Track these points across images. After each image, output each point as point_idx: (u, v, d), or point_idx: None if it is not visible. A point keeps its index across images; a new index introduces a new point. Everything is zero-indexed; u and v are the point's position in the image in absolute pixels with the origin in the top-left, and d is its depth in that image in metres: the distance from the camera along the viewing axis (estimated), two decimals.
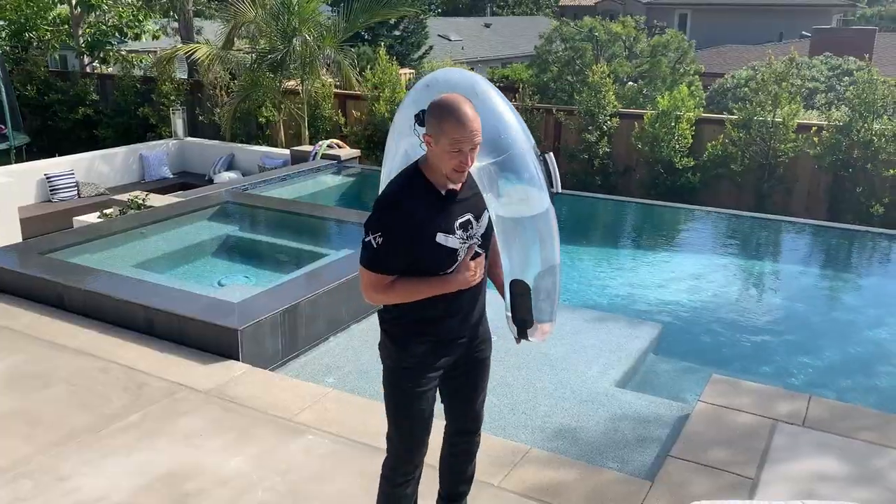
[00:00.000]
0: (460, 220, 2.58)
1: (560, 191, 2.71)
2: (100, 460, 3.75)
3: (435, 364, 2.72)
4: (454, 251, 2.59)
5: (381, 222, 2.51)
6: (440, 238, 2.54)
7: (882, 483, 3.56)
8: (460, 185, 2.59)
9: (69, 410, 4.19)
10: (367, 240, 2.52)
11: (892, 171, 9.04)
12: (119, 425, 4.05)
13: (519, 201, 2.69)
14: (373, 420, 4.07)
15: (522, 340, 2.87)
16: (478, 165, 2.65)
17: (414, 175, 2.57)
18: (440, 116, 2.43)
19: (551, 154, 2.70)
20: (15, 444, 3.87)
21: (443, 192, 2.56)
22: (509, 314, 2.86)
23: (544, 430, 4.32)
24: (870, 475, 3.62)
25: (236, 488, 3.55)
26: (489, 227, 2.72)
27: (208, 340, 4.87)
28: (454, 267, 2.60)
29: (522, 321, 2.77)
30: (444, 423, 2.99)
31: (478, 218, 2.65)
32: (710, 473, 3.64)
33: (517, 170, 2.66)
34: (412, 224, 2.50)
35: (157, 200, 8.10)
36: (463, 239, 2.60)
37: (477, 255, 2.65)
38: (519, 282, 2.73)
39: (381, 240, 2.49)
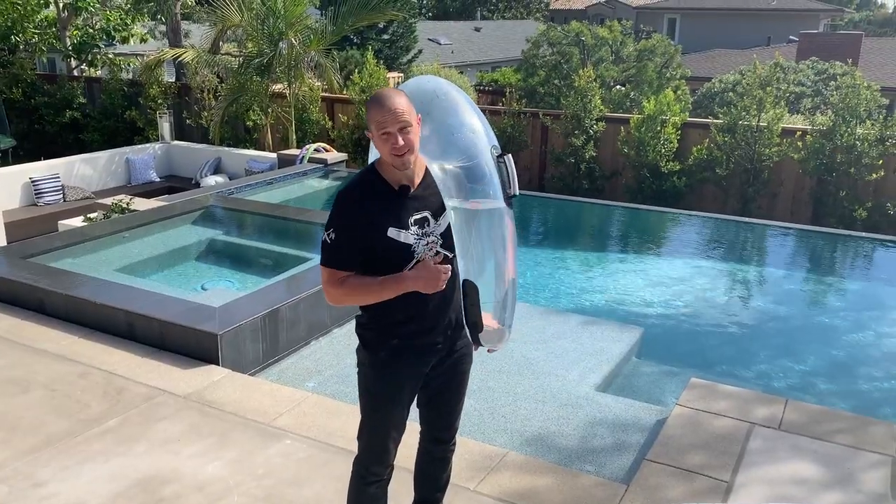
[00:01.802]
0: (416, 217, 2.58)
1: (517, 193, 2.64)
2: (77, 466, 3.74)
3: (405, 370, 2.72)
4: (409, 247, 2.58)
5: (333, 218, 2.57)
6: (391, 232, 2.55)
7: (855, 486, 3.58)
8: (416, 182, 2.60)
9: (47, 416, 4.18)
10: (322, 237, 2.57)
11: (874, 176, 9.10)
12: (97, 430, 4.04)
13: (472, 203, 2.65)
14: (351, 424, 4.04)
15: (482, 348, 2.79)
16: (443, 167, 2.64)
17: (368, 172, 2.62)
18: (368, 107, 2.53)
19: (509, 156, 2.64)
20: None
21: (396, 188, 2.58)
22: (463, 318, 2.79)
23: (523, 434, 4.33)
24: (844, 478, 3.64)
25: (212, 493, 3.55)
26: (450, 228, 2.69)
27: (188, 345, 4.87)
28: (411, 265, 2.59)
29: (473, 324, 2.69)
30: (420, 429, 2.99)
31: (436, 216, 2.62)
32: (685, 477, 3.66)
33: (473, 173, 2.63)
34: (364, 217, 2.54)
35: (141, 204, 8.08)
36: (418, 235, 2.58)
37: (446, 259, 2.63)
38: (468, 282, 2.65)
39: (333, 235, 2.55)
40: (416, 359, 2.73)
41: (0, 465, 3.73)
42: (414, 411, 2.87)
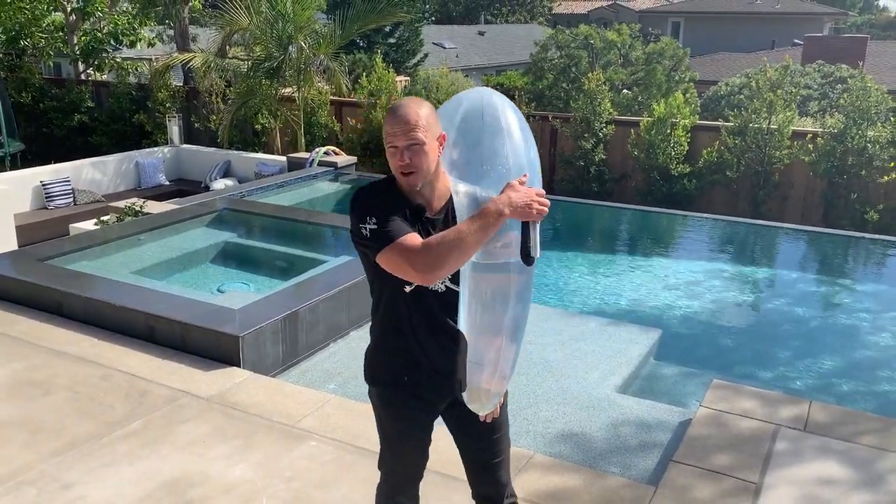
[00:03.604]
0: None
1: (538, 256, 2.28)
2: (103, 468, 3.73)
3: (414, 392, 2.50)
4: None
5: (366, 208, 2.29)
6: None
7: (884, 487, 3.57)
8: (436, 206, 2.38)
9: (71, 418, 4.17)
10: (364, 233, 2.28)
11: (885, 178, 9.10)
12: (121, 433, 4.04)
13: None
14: (375, 426, 4.07)
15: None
16: (467, 191, 2.39)
17: (390, 180, 2.39)
18: (385, 119, 2.32)
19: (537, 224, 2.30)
20: (17, 452, 3.85)
21: (413, 205, 2.35)
22: None
23: (546, 436, 4.32)
24: (872, 479, 3.63)
25: (241, 496, 3.54)
26: None
27: (209, 347, 4.86)
28: (412, 287, 2.37)
29: (458, 379, 2.50)
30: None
31: None
32: (713, 478, 3.65)
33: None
34: (395, 211, 2.31)
35: (154, 207, 8.09)
36: None
37: (452, 294, 2.40)
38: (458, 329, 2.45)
39: (375, 219, 2.26)
40: (429, 387, 2.52)
41: (27, 467, 3.72)
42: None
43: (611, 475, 3.82)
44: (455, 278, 2.41)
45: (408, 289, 2.39)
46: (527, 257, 2.28)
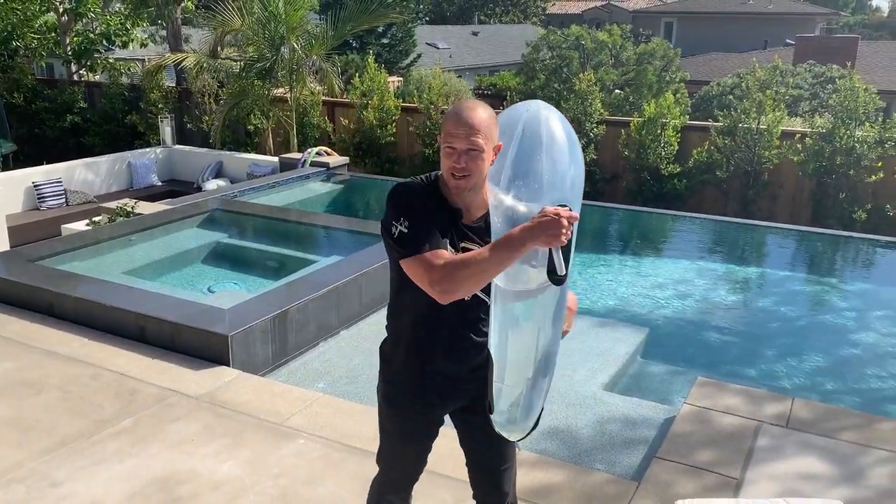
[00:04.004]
0: (464, 245, 2.31)
1: (564, 273, 2.14)
2: (93, 466, 3.77)
3: (420, 393, 2.49)
4: None
5: (401, 208, 2.26)
6: (445, 243, 2.27)
7: (864, 482, 3.63)
8: (473, 215, 2.33)
9: (61, 417, 4.21)
10: (393, 233, 2.24)
11: (873, 178, 9.17)
12: (111, 431, 4.07)
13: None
14: (364, 424, 4.12)
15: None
16: (508, 205, 2.22)
17: (434, 179, 2.36)
18: (447, 114, 2.27)
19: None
20: (7, 450, 3.88)
21: (452, 208, 2.32)
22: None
23: (532, 434, 4.35)
24: (852, 474, 3.69)
25: (229, 493, 3.58)
26: None
27: (199, 347, 4.90)
28: None
29: (487, 403, 2.41)
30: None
31: None
32: (695, 474, 3.70)
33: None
34: (431, 213, 2.28)
35: (146, 208, 8.11)
36: None
37: (482, 303, 2.34)
38: (488, 350, 2.37)
39: (407, 223, 2.22)
40: (438, 389, 2.49)
41: (17, 465, 3.76)
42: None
43: (595, 471, 3.87)
44: (486, 288, 2.30)
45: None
46: (554, 276, 2.15)
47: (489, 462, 2.63)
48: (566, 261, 2.14)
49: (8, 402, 4.36)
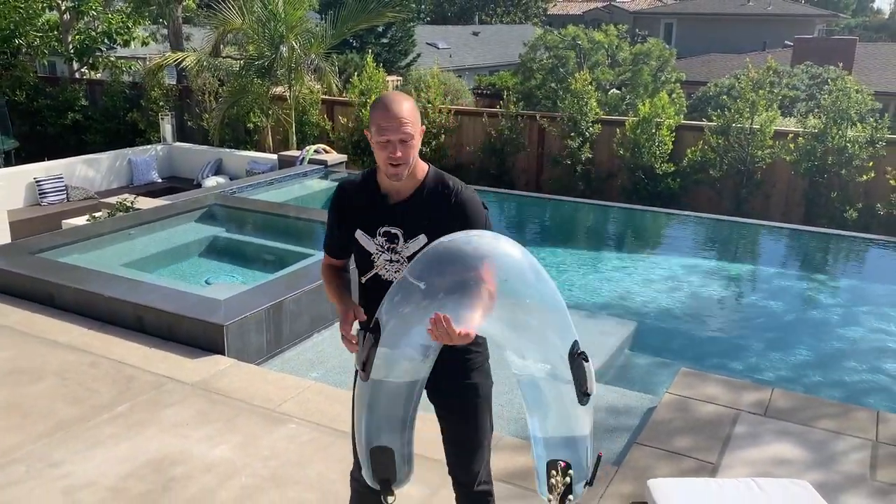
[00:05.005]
0: (385, 229, 2.49)
1: (593, 392, 2.33)
2: (89, 449, 3.89)
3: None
4: (369, 255, 2.53)
5: (329, 208, 2.67)
6: (358, 234, 2.53)
7: (836, 467, 3.75)
8: (404, 194, 2.50)
9: (59, 402, 4.33)
10: None
11: (864, 177, 9.28)
12: (108, 416, 4.20)
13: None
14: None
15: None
16: (428, 243, 2.37)
17: (369, 172, 2.58)
18: (372, 108, 2.45)
19: (590, 363, 2.37)
20: (6, 434, 4.01)
21: (380, 194, 2.52)
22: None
23: (518, 422, 4.48)
24: (824, 460, 3.81)
25: (221, 474, 3.70)
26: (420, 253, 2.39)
27: (196, 336, 5.02)
28: (370, 274, 2.54)
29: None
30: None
31: (407, 237, 2.47)
32: (673, 459, 3.82)
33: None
34: (345, 212, 2.59)
35: (145, 204, 8.24)
36: (381, 248, 2.50)
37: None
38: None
39: (327, 222, 2.68)
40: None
41: (16, 447, 3.88)
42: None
43: None
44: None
45: (363, 279, 2.58)
46: (584, 395, 2.35)
47: (455, 440, 2.74)
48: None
49: (7, 389, 4.48)
